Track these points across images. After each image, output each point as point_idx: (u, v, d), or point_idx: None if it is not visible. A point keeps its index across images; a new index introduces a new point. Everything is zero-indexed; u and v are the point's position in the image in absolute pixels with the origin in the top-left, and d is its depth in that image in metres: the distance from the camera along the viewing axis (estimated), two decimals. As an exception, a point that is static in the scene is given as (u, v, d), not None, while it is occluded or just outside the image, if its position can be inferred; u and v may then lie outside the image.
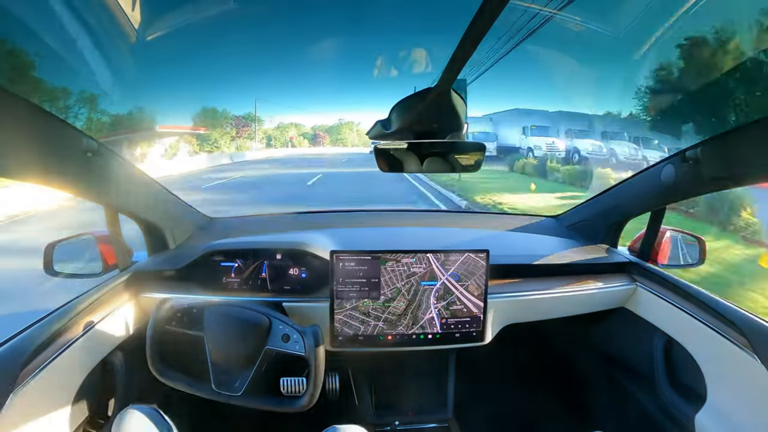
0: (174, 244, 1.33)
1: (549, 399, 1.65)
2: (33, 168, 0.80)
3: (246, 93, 26.10)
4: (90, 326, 0.99)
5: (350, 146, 30.52)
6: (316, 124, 31.53)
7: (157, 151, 17.69)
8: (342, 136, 32.52)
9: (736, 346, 0.93)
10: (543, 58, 7.76)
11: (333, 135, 32.25)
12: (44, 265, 1.12)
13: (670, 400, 1.11)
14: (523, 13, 2.08)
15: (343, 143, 31.39)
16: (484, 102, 21.70)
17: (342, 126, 32.74)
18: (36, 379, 0.81)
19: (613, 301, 1.32)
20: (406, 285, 1.14)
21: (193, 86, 20.59)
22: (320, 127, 32.05)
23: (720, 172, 0.95)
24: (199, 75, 18.46)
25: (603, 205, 1.44)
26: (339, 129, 32.89)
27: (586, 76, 8.19)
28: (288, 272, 1.23)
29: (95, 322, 1.01)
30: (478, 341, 1.18)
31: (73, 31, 1.07)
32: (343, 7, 2.11)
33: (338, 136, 32.60)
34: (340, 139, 32.30)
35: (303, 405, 0.92)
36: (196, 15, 1.39)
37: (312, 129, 31.03)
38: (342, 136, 32.52)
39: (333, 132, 32.50)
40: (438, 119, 0.78)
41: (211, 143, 22.05)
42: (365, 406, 1.40)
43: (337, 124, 32.60)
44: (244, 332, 0.93)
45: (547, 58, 7.64)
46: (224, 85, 24.72)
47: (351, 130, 32.85)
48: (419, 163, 0.86)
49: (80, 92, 10.45)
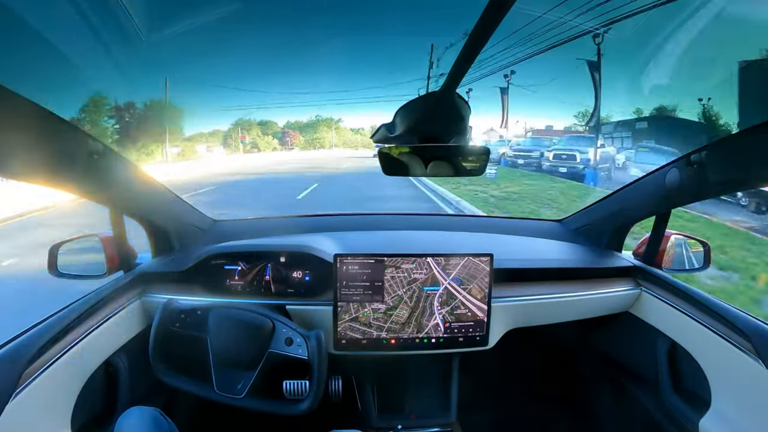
0: (178, 246, 1.33)
1: (553, 404, 1.64)
2: (39, 169, 0.81)
3: (235, 95, 22.03)
4: (93, 327, 0.99)
5: (328, 147, 25.34)
6: (289, 120, 24.65)
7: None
8: (319, 135, 25.93)
9: (740, 351, 0.92)
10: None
11: (308, 134, 25.91)
12: (48, 265, 1.12)
13: (675, 405, 1.10)
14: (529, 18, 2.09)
15: (321, 144, 25.59)
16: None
17: (319, 123, 25.61)
18: (39, 380, 0.82)
19: (617, 305, 1.31)
20: (408, 292, 1.14)
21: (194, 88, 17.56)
22: (294, 124, 25.16)
23: (725, 175, 0.94)
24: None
25: (607, 209, 1.43)
26: (316, 126, 25.82)
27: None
28: (292, 275, 1.23)
29: (99, 323, 1.01)
30: (482, 345, 1.17)
31: (81, 36, 1.08)
32: (346, 10, 2.11)
33: (314, 136, 25.75)
34: (317, 138, 25.84)
35: (305, 408, 0.92)
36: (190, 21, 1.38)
37: (283, 128, 24.28)
38: (319, 135, 25.93)
39: (308, 130, 25.82)
40: (442, 123, 0.78)
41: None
42: (368, 410, 1.39)
43: (314, 121, 25.64)
44: (247, 335, 0.93)
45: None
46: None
47: (329, 128, 26.28)
48: (423, 167, 0.86)
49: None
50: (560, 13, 1.72)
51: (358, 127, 27.32)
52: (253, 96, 22.69)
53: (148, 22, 1.19)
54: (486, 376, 1.56)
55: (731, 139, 0.89)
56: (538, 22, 2.22)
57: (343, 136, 26.39)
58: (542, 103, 16.62)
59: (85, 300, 1.01)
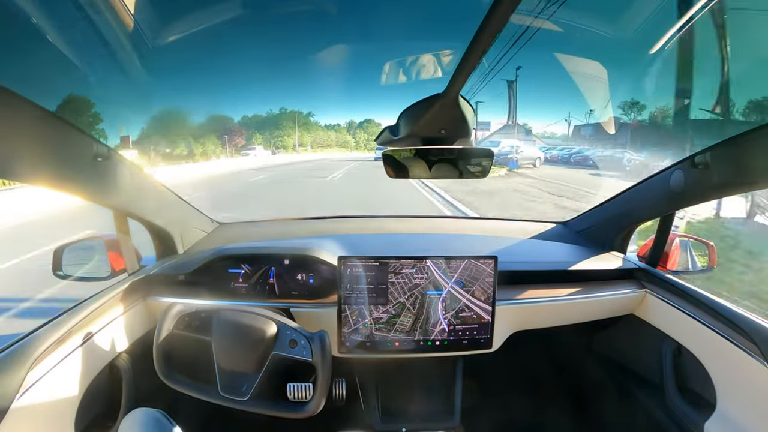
0: (182, 248, 1.34)
1: (557, 406, 1.63)
2: (44, 172, 0.81)
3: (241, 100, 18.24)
4: (98, 330, 0.99)
5: (291, 151, 19.80)
6: (246, 114, 18.67)
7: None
8: (281, 132, 19.54)
9: (746, 354, 0.92)
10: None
11: (267, 131, 19.62)
12: (53, 267, 1.13)
13: (679, 407, 1.09)
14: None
15: (284, 146, 19.83)
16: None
17: (282, 117, 19.41)
18: (43, 382, 0.82)
19: (622, 307, 1.31)
20: (410, 299, 1.13)
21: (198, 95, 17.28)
22: (252, 119, 18.98)
23: (730, 177, 0.94)
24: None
25: (612, 211, 1.43)
26: (279, 121, 19.62)
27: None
28: (296, 278, 1.23)
29: (103, 325, 1.01)
30: (486, 348, 1.17)
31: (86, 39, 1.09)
32: (350, 13, 2.14)
33: (276, 132, 19.44)
34: (278, 136, 19.52)
35: (309, 411, 0.92)
36: (197, 24, 1.39)
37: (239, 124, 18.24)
38: (281, 132, 19.54)
39: (267, 125, 19.56)
40: (446, 126, 0.78)
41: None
42: (372, 413, 1.39)
43: (275, 115, 19.34)
44: (251, 337, 0.93)
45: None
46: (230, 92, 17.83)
47: (295, 123, 20.17)
48: (427, 169, 0.86)
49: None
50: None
51: (333, 124, 21.74)
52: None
53: (154, 29, 1.20)
54: (490, 379, 1.55)
55: (736, 140, 0.88)
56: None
57: (313, 133, 20.60)
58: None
59: (89, 302, 1.01)
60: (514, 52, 5.11)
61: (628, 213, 1.35)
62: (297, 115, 19.86)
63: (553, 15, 1.61)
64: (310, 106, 20.57)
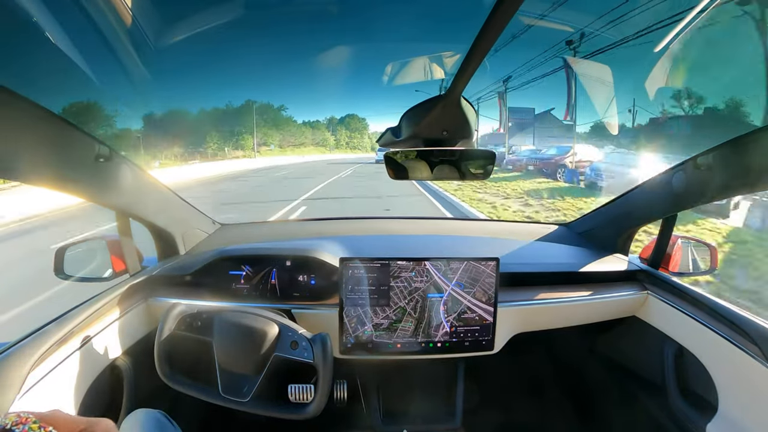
0: (184, 249, 1.34)
1: (558, 408, 1.63)
2: (46, 172, 0.81)
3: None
4: (99, 330, 0.99)
5: (246, 154, 13.83)
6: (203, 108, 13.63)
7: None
8: (243, 128, 14.17)
9: (748, 355, 0.91)
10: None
11: (227, 127, 14.09)
12: (55, 268, 1.13)
13: (681, 409, 1.09)
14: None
15: (242, 146, 14.74)
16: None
17: (242, 111, 14.35)
18: (43, 382, 0.82)
19: (624, 309, 1.30)
20: (410, 303, 1.13)
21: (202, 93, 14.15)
22: (177, 113, 13.04)
23: (733, 178, 0.94)
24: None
25: (614, 212, 1.43)
26: (239, 116, 14.56)
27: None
28: (297, 279, 1.23)
29: (105, 326, 1.01)
30: (488, 350, 1.17)
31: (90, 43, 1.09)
32: (352, 14, 2.12)
33: (237, 128, 14.09)
34: (239, 134, 14.23)
35: (311, 412, 0.92)
36: (202, 24, 1.38)
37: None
38: (243, 128, 14.17)
39: (227, 121, 14.75)
40: (448, 127, 0.78)
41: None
42: (373, 414, 1.39)
43: (233, 109, 14.24)
44: (252, 339, 0.93)
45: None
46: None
47: (250, 114, 14.64)
48: (429, 171, 0.86)
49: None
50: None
51: (313, 120, 17.17)
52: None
53: (156, 30, 1.20)
54: (491, 380, 1.55)
55: (739, 142, 0.88)
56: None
57: (283, 130, 14.44)
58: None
59: (90, 302, 1.02)
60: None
61: (630, 214, 1.35)
62: (268, 108, 14.41)
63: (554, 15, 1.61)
64: (283, 98, 15.67)
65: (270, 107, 15.59)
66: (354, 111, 20.92)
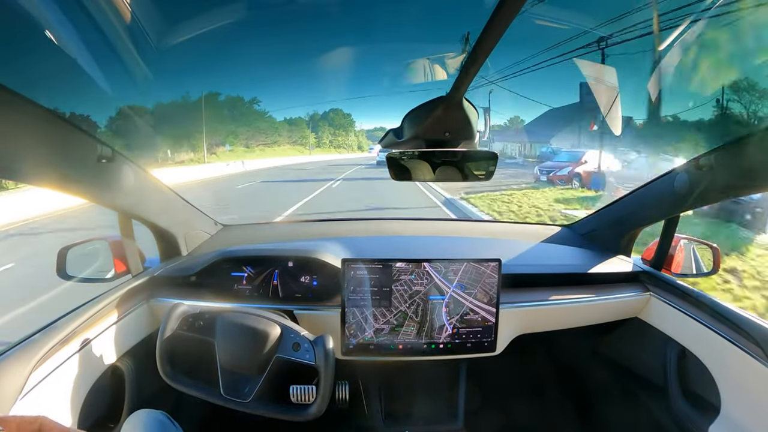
0: (186, 250, 1.34)
1: (560, 409, 1.63)
2: (49, 173, 0.82)
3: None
4: (101, 331, 1.00)
5: (195, 158, 11.26)
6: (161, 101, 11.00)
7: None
8: (194, 127, 11.48)
9: (751, 357, 0.91)
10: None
11: (181, 126, 11.81)
12: (57, 268, 1.13)
13: (684, 411, 1.09)
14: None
15: (193, 149, 11.88)
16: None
17: (199, 106, 11.65)
18: (46, 382, 0.82)
19: (626, 310, 1.30)
20: (411, 306, 1.12)
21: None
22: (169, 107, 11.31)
23: (735, 179, 0.93)
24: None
25: (616, 213, 1.42)
26: (196, 111, 12.02)
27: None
28: (299, 280, 1.23)
29: (106, 326, 1.02)
30: (490, 351, 1.16)
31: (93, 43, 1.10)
32: (353, 15, 2.09)
33: (192, 127, 11.55)
34: (192, 132, 11.76)
35: (312, 413, 0.92)
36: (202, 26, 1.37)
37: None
38: (194, 127, 11.48)
39: (178, 117, 12.05)
40: (451, 128, 0.78)
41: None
42: (375, 416, 1.39)
43: (195, 102, 11.51)
44: (254, 340, 0.93)
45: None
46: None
47: (205, 108, 11.79)
48: (431, 172, 0.86)
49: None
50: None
51: (293, 117, 14.21)
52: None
53: (158, 30, 1.20)
54: (493, 382, 1.55)
55: (741, 143, 0.88)
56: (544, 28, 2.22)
57: (253, 127, 11.52)
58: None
59: (93, 303, 1.02)
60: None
61: (633, 216, 1.34)
62: (236, 101, 11.71)
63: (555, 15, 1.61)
64: (255, 90, 12.95)
65: (239, 100, 12.79)
66: (338, 106, 18.94)
